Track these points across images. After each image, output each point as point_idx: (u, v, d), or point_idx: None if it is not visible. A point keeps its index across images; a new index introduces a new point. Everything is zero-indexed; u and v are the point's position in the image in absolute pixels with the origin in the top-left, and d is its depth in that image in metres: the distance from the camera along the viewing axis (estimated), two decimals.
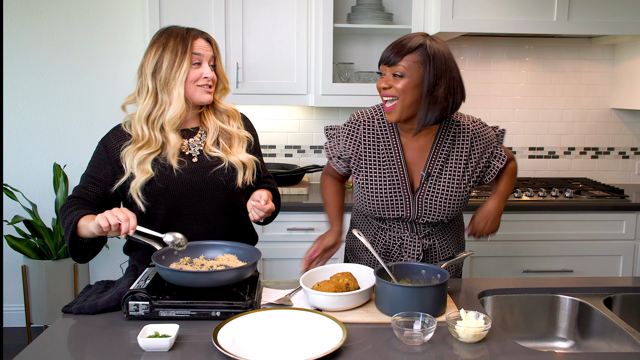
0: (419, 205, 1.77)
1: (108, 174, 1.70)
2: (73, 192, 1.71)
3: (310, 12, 2.97)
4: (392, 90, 1.66)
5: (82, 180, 1.73)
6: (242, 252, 1.64)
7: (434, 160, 1.76)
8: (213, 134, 1.77)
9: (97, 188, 1.69)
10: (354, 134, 1.81)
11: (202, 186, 1.72)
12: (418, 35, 1.69)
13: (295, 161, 3.41)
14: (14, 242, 3.04)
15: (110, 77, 3.31)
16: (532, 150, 3.51)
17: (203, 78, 1.70)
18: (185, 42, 1.68)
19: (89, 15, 3.24)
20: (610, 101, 3.48)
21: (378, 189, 1.78)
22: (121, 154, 1.69)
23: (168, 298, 1.44)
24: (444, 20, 2.83)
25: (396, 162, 1.77)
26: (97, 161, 1.72)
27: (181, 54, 1.67)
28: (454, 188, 1.75)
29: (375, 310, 1.50)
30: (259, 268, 2.81)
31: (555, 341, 1.68)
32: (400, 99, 1.66)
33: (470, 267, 2.94)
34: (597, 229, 2.94)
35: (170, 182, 1.69)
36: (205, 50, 1.71)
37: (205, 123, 1.79)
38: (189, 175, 1.70)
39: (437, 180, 1.76)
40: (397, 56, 1.64)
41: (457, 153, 1.77)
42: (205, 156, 1.74)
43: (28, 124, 3.30)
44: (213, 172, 1.72)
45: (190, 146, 1.75)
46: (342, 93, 3.01)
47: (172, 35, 1.69)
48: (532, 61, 3.42)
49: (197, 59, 1.69)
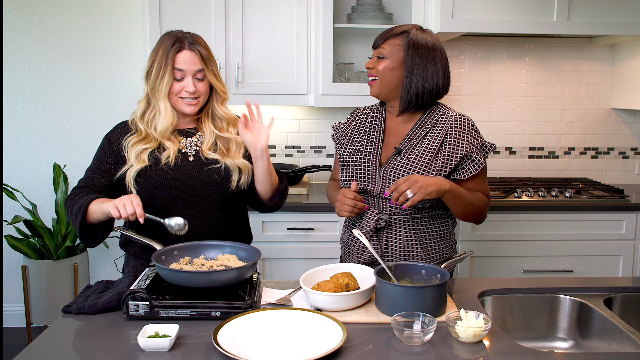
0: (383, 177, 1.80)
1: (112, 165, 1.77)
2: (78, 183, 1.76)
3: (310, 12, 2.97)
4: (374, 70, 1.83)
5: (88, 173, 1.78)
6: (242, 252, 1.64)
7: (410, 140, 1.83)
8: (209, 139, 1.81)
9: (104, 178, 1.76)
10: (350, 119, 2.00)
11: (197, 181, 1.76)
12: (410, 25, 1.84)
13: (295, 161, 3.42)
14: (14, 242, 3.04)
15: (110, 77, 3.31)
16: (532, 150, 3.51)
17: (184, 91, 1.74)
18: (167, 56, 1.71)
19: (89, 15, 3.24)
20: (610, 101, 3.48)
21: (351, 160, 1.88)
22: (123, 144, 1.76)
23: (168, 298, 1.44)
24: (444, 20, 2.83)
25: (375, 139, 1.88)
26: (102, 154, 1.79)
27: (164, 66, 1.72)
28: (420, 166, 1.76)
29: (375, 310, 1.50)
30: (259, 268, 2.81)
31: (555, 341, 1.68)
32: (380, 77, 1.83)
33: (470, 267, 2.94)
34: (597, 229, 2.94)
35: (167, 175, 1.74)
36: (189, 65, 1.72)
37: (202, 127, 1.83)
38: (184, 170, 1.76)
39: (407, 157, 1.79)
40: (381, 39, 1.83)
41: (433, 136, 1.81)
42: (201, 156, 1.79)
43: (28, 124, 3.30)
44: (208, 169, 1.77)
45: (187, 145, 1.80)
46: (342, 93, 3.01)
47: (164, 45, 1.74)
48: (532, 61, 3.42)
49: (180, 75, 1.73)
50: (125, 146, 1.75)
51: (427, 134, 1.82)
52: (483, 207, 1.84)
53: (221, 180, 1.77)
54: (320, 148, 3.41)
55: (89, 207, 1.62)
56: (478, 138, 1.83)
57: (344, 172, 1.89)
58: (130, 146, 1.74)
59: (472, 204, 1.79)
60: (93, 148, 3.39)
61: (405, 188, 1.66)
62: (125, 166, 1.74)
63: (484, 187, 1.85)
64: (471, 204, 1.79)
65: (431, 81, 1.79)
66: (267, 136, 1.73)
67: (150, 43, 2.88)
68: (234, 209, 1.86)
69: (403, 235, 1.81)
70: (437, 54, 1.79)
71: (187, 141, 1.80)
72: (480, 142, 1.83)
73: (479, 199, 1.82)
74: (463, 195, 1.76)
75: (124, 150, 1.75)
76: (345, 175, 1.89)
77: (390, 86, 1.82)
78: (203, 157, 1.78)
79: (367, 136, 1.91)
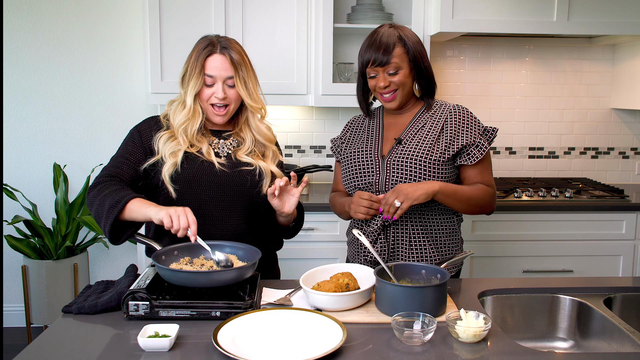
0: (386, 168, 1.80)
1: (141, 157, 1.71)
2: (104, 171, 1.68)
3: (310, 12, 2.97)
4: (392, 85, 1.81)
5: (114, 161, 1.71)
6: (242, 252, 1.64)
7: (410, 129, 1.84)
8: (248, 146, 1.77)
9: (131, 169, 1.69)
10: (346, 128, 2.02)
11: (228, 180, 1.71)
12: (387, 27, 1.82)
13: (295, 161, 3.41)
14: (14, 242, 3.04)
15: (111, 77, 3.31)
16: (532, 150, 3.51)
17: (214, 97, 1.70)
18: (198, 60, 1.69)
19: (89, 15, 3.24)
20: (610, 101, 3.48)
21: (352, 157, 1.88)
22: (155, 137, 1.72)
23: (168, 298, 1.44)
24: (444, 20, 2.83)
25: (375, 134, 1.90)
26: (130, 145, 1.73)
27: (194, 70, 1.68)
28: (422, 153, 1.77)
29: (375, 310, 1.50)
30: None
31: (555, 341, 1.68)
32: (400, 89, 1.82)
33: (470, 267, 2.94)
34: (597, 229, 2.94)
35: (199, 172, 1.69)
36: (219, 71, 1.68)
37: (242, 135, 1.79)
38: (217, 167, 1.70)
39: (408, 145, 1.81)
40: (385, 55, 1.77)
41: (433, 123, 1.83)
42: (233, 157, 1.75)
43: (28, 124, 3.30)
44: (240, 170, 1.73)
45: (220, 146, 1.76)
46: (342, 93, 3.02)
47: (197, 48, 1.71)
48: (532, 61, 3.42)
49: (210, 81, 1.69)
50: (157, 141, 1.70)
51: (426, 123, 1.84)
52: (486, 197, 1.81)
53: (252, 183, 1.73)
54: (320, 148, 3.41)
55: (127, 205, 1.54)
56: (479, 124, 1.85)
57: (347, 170, 1.89)
58: (163, 141, 1.69)
59: (470, 197, 1.78)
60: (93, 148, 3.41)
61: (393, 199, 1.67)
62: (153, 158, 1.69)
63: (485, 177, 1.83)
64: (469, 197, 1.78)
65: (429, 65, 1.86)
66: (296, 202, 1.70)
67: (150, 43, 2.88)
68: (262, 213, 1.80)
69: (410, 232, 1.81)
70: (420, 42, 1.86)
71: (220, 142, 1.77)
72: (482, 127, 1.86)
73: (479, 190, 1.80)
74: (458, 191, 1.75)
75: (154, 144, 1.71)
76: (348, 173, 1.88)
77: (410, 91, 1.86)
78: (235, 159, 1.74)
79: (366, 135, 1.92)
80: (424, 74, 1.84)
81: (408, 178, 1.77)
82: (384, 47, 1.77)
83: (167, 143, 1.70)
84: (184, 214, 1.49)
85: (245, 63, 1.72)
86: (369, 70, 1.81)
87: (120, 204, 1.53)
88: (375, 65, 1.79)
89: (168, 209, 1.49)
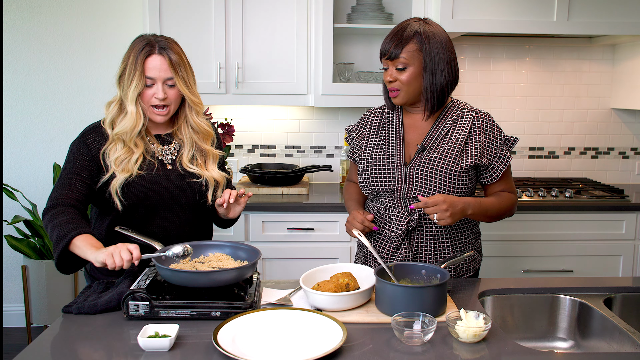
0: (409, 176, 1.76)
1: (92, 169, 1.69)
2: (56, 192, 1.65)
3: (310, 12, 2.97)
4: (397, 83, 1.76)
5: (64, 179, 1.67)
6: (242, 252, 1.64)
7: (433, 135, 1.79)
8: (189, 150, 1.78)
9: (83, 184, 1.66)
10: (364, 120, 1.94)
11: (179, 192, 1.75)
12: (412, 21, 1.76)
13: (295, 161, 3.41)
14: (14, 242, 3.05)
15: (110, 77, 3.27)
16: (532, 150, 3.51)
17: (154, 98, 1.69)
18: (137, 60, 1.66)
19: (89, 16, 3.24)
20: (610, 101, 3.48)
21: (373, 160, 1.82)
22: (104, 150, 1.69)
23: (168, 298, 1.44)
24: (444, 20, 2.83)
25: (395, 137, 1.84)
26: (79, 158, 1.69)
27: (134, 71, 1.66)
28: (447, 163, 1.74)
29: (375, 310, 1.50)
30: (259, 268, 2.81)
31: (555, 341, 1.68)
32: (405, 88, 1.75)
33: None
34: (597, 229, 2.94)
35: (150, 186, 1.71)
36: (158, 72, 1.67)
37: (180, 135, 1.80)
38: (166, 181, 1.73)
39: (432, 153, 1.77)
40: (397, 48, 1.72)
41: (457, 131, 1.78)
42: (178, 166, 1.76)
43: (28, 124, 3.30)
44: (189, 182, 1.76)
45: (164, 153, 1.77)
46: (342, 93, 3.01)
47: (135, 49, 1.68)
48: (532, 61, 3.42)
49: (150, 81, 1.68)
50: (107, 155, 1.68)
51: (449, 130, 1.79)
52: (511, 206, 1.83)
53: (199, 195, 1.77)
54: (320, 148, 3.41)
55: (72, 241, 1.51)
56: (501, 134, 1.82)
57: (367, 174, 1.83)
58: (110, 154, 1.68)
59: (499, 210, 1.79)
60: None
61: (432, 212, 1.65)
62: (107, 175, 1.67)
63: (508, 184, 1.84)
64: (499, 210, 1.79)
65: (448, 75, 1.74)
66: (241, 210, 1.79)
67: None
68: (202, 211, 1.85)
69: (434, 233, 1.79)
70: (449, 44, 1.75)
71: (164, 149, 1.77)
72: (504, 137, 1.83)
73: (506, 200, 1.81)
74: (488, 209, 1.76)
75: (106, 159, 1.68)
76: (368, 177, 1.82)
77: (417, 92, 1.76)
78: (181, 168, 1.76)
79: (385, 135, 1.86)
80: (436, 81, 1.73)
81: (431, 187, 1.74)
82: (397, 40, 1.72)
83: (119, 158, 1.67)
84: (124, 248, 1.45)
85: (184, 62, 1.72)
86: (382, 61, 1.78)
87: (65, 240, 1.51)
88: (385, 57, 1.75)
89: (106, 251, 1.44)
